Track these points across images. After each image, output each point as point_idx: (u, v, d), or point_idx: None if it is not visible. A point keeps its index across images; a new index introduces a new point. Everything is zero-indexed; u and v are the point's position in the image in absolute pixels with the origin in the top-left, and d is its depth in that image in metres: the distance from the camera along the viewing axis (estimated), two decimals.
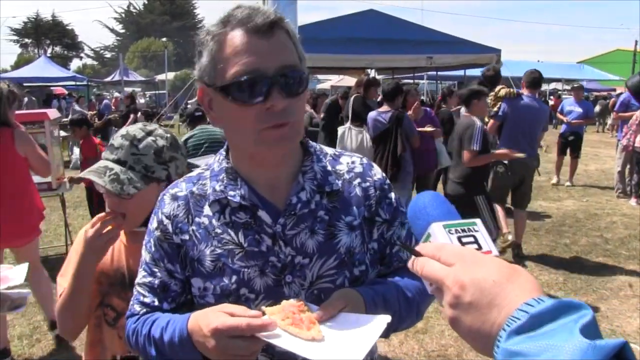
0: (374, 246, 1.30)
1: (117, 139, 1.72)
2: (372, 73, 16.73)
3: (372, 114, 6.40)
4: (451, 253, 0.75)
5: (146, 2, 64.77)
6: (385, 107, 6.34)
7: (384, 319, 1.05)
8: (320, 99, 10.09)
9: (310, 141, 1.35)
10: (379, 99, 7.89)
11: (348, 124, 6.93)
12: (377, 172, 1.36)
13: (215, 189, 1.26)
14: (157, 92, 33.64)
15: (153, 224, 1.31)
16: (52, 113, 6.60)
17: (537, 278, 5.94)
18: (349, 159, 1.36)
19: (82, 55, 61.91)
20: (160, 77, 34.72)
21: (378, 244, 1.31)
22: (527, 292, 0.65)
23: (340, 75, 25.37)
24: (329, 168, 1.31)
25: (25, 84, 24.53)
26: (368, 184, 1.32)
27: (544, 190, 10.46)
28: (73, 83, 28.06)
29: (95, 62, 62.33)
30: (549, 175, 11.43)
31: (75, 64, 59.64)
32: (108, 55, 64.78)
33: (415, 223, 0.90)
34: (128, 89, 24.86)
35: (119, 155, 1.69)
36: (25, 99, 20.94)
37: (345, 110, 7.47)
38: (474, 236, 0.82)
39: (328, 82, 29.14)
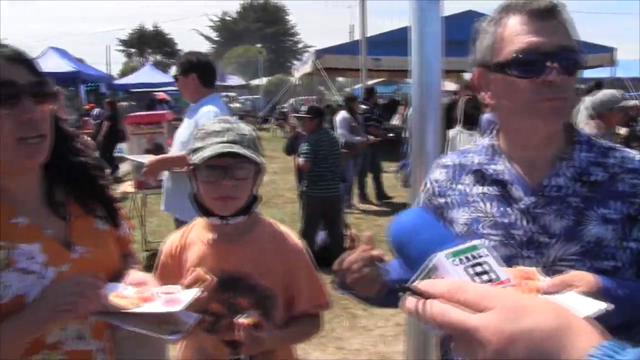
0: (631, 245, 1.27)
1: (213, 125, 1.70)
2: (467, 76, 16.33)
3: (486, 115, 6.16)
4: (480, 295, 0.61)
5: (240, 11, 66.87)
6: None
7: (599, 306, 1.00)
8: None
9: (580, 131, 1.38)
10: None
11: (459, 127, 6.73)
12: None
13: (477, 162, 1.40)
14: (250, 96, 34.49)
15: (422, 187, 1.53)
16: (169, 115, 6.86)
17: None
18: (622, 154, 1.35)
19: None
20: (255, 82, 35.66)
21: (638, 244, 1.27)
22: (589, 339, 0.53)
23: None
24: (596, 159, 1.32)
25: (132, 90, 26.09)
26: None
27: None
28: (174, 88, 29.40)
29: None
30: None
31: (174, 71, 62.54)
32: None
33: (402, 250, 0.78)
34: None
35: (228, 137, 1.65)
36: (125, 103, 22.17)
37: (456, 113, 7.27)
38: (483, 264, 0.70)
39: None
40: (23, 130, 1.27)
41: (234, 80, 33.41)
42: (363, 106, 10.02)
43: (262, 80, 35.65)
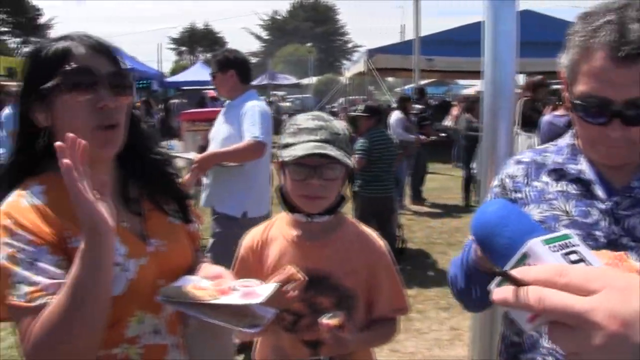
0: None
1: (307, 121, 1.65)
2: (521, 78, 15.97)
3: (547, 117, 6.00)
4: (584, 277, 0.56)
5: (290, 10, 67.39)
6: (561, 111, 5.92)
7: None
8: (476, 104, 9.77)
9: None
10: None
11: (516, 129, 6.58)
12: None
13: (556, 160, 1.37)
14: (300, 95, 34.65)
15: (494, 182, 1.51)
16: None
17: None
18: None
19: None
20: (304, 81, 35.80)
21: None
22: None
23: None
24: None
25: (183, 87, 26.65)
26: None
27: None
28: None
29: None
30: None
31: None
32: (253, 60, 68.18)
33: (490, 240, 0.75)
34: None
35: (321, 136, 1.61)
36: (177, 101, 22.59)
37: (514, 115, 7.11)
38: (576, 252, 0.64)
39: (473, 87, 28.15)
40: (97, 119, 1.28)
41: (284, 79, 33.62)
42: (417, 106, 9.94)
43: (312, 80, 35.82)
